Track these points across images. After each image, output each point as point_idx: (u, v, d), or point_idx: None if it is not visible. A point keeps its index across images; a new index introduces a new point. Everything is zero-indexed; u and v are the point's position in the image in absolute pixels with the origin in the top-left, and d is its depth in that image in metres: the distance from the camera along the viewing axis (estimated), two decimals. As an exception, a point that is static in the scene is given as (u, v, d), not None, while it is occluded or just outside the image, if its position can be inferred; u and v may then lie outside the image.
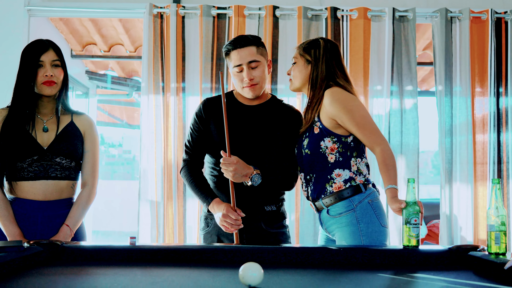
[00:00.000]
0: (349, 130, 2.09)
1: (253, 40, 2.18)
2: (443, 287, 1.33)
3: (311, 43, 2.23)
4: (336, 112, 2.07)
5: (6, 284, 1.31)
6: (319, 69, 2.17)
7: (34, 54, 2.10)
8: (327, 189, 2.11)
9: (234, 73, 2.20)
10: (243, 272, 1.31)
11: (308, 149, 2.14)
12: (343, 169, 2.10)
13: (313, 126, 2.14)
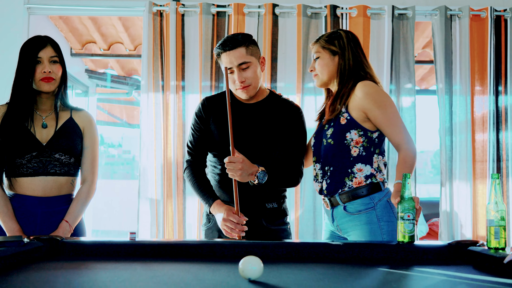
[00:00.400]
0: (378, 126, 2.07)
1: (242, 41, 2.14)
2: (443, 281, 1.33)
3: (332, 35, 2.20)
4: (369, 105, 2.05)
5: (6, 278, 1.31)
6: (346, 58, 2.14)
7: (32, 51, 2.10)
8: (346, 183, 2.08)
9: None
10: (243, 266, 1.31)
11: (332, 139, 2.10)
12: (365, 164, 2.08)
13: (339, 117, 2.10)
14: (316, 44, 2.21)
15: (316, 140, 2.19)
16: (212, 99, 2.30)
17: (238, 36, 2.16)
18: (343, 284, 1.31)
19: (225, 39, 2.16)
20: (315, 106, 3.44)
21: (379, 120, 2.05)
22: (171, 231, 3.38)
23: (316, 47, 2.20)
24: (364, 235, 2.03)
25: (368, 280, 1.35)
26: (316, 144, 2.19)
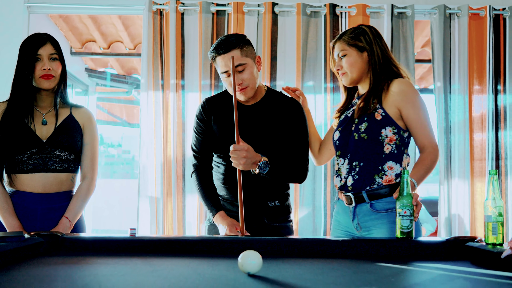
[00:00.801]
0: (409, 124, 2.06)
1: (236, 43, 2.10)
2: (440, 275, 1.34)
3: (355, 31, 2.16)
4: (404, 103, 2.04)
5: (7, 273, 1.32)
6: (375, 53, 2.11)
7: (32, 48, 2.10)
8: (376, 180, 2.05)
9: (222, 78, 2.16)
10: (242, 260, 1.33)
11: (365, 134, 2.05)
12: (396, 162, 2.06)
13: (373, 113, 2.07)
14: (340, 42, 2.16)
15: (342, 135, 2.15)
16: (212, 100, 2.30)
17: (231, 38, 2.13)
18: (342, 279, 1.32)
19: (219, 42, 2.13)
20: (314, 104, 3.45)
21: (411, 119, 2.05)
22: (170, 229, 3.39)
23: (341, 45, 2.15)
24: (390, 234, 2.00)
25: (366, 275, 1.36)
26: (342, 138, 2.15)
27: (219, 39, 2.15)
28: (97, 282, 1.21)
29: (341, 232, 2.19)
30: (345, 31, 2.20)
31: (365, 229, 2.08)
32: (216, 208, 2.18)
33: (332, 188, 3.40)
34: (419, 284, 1.23)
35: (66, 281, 1.23)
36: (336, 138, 2.18)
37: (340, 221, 2.19)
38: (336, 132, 2.19)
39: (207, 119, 2.25)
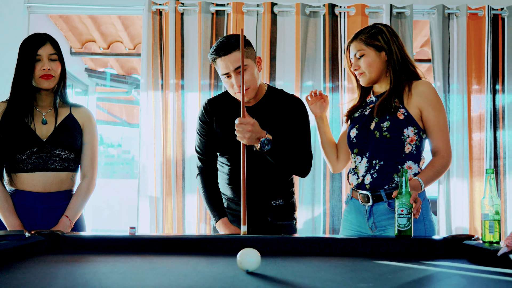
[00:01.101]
0: (427, 126, 2.07)
1: (236, 44, 2.08)
2: (437, 273, 1.35)
3: (371, 30, 2.15)
4: (426, 105, 2.05)
5: (8, 270, 1.34)
6: (393, 52, 2.11)
7: (32, 48, 2.11)
8: (395, 179, 2.05)
9: (223, 79, 2.15)
10: (241, 258, 1.34)
11: (388, 133, 2.06)
12: (415, 162, 2.07)
13: (395, 112, 2.07)
14: (357, 42, 2.15)
15: (360, 133, 2.14)
16: (214, 101, 2.30)
17: (231, 39, 2.11)
18: (339, 276, 1.33)
19: (219, 44, 2.11)
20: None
21: (430, 121, 2.06)
22: (170, 229, 3.40)
23: (358, 44, 2.14)
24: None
25: (364, 272, 1.37)
26: (360, 136, 2.14)
27: (219, 41, 2.13)
28: (97, 280, 1.22)
29: (352, 232, 2.18)
30: (361, 30, 2.18)
31: (380, 228, 2.08)
32: (219, 215, 2.18)
33: (331, 187, 3.41)
34: (416, 281, 1.24)
35: (66, 278, 1.24)
36: (353, 135, 2.16)
37: (352, 220, 2.18)
38: (353, 130, 2.17)
39: (209, 121, 2.25)
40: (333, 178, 3.42)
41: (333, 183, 3.42)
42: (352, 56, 2.17)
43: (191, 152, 3.44)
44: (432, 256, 1.67)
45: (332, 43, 3.49)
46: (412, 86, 2.09)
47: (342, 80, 3.48)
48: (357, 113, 2.22)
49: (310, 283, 1.24)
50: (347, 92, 3.47)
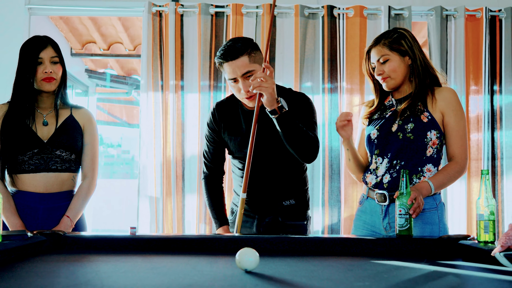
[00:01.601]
0: (447, 131, 2.10)
1: (244, 49, 2.04)
2: (432, 272, 1.38)
3: (393, 35, 2.16)
4: (448, 110, 2.08)
5: (12, 269, 1.36)
6: (416, 56, 2.13)
7: (33, 51, 2.14)
8: (414, 180, 2.07)
9: (230, 84, 2.12)
10: (240, 257, 1.36)
11: (412, 134, 2.08)
12: (434, 166, 2.10)
13: (419, 115, 2.09)
14: (380, 47, 2.15)
15: (382, 134, 2.15)
16: (221, 106, 2.28)
17: (238, 43, 2.06)
18: (336, 275, 1.36)
19: (226, 48, 2.06)
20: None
21: (451, 126, 2.09)
22: (170, 228, 3.43)
23: (382, 49, 2.14)
24: (420, 234, 2.02)
25: (360, 271, 1.40)
26: (382, 137, 2.15)
27: (226, 45, 2.09)
28: (99, 279, 1.25)
29: (365, 232, 2.20)
30: (382, 35, 2.19)
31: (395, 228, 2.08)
32: (220, 222, 2.26)
33: (330, 188, 3.43)
34: (411, 280, 1.27)
35: (69, 277, 1.26)
36: (374, 137, 2.18)
37: (366, 220, 2.20)
38: (374, 131, 2.18)
39: (217, 129, 2.26)
40: (332, 178, 3.45)
41: (332, 183, 3.44)
42: (374, 61, 2.17)
43: (191, 152, 3.46)
44: (428, 256, 1.69)
45: (330, 45, 3.52)
46: (437, 92, 2.12)
47: (341, 81, 3.51)
48: (376, 115, 2.24)
49: (307, 281, 1.27)
50: (345, 93, 3.50)
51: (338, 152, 3.46)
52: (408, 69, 2.15)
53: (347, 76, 3.50)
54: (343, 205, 3.44)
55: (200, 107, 3.47)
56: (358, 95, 3.48)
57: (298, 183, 2.29)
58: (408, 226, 1.87)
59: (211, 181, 2.33)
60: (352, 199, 3.44)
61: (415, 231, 2.02)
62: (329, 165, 3.45)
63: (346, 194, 3.44)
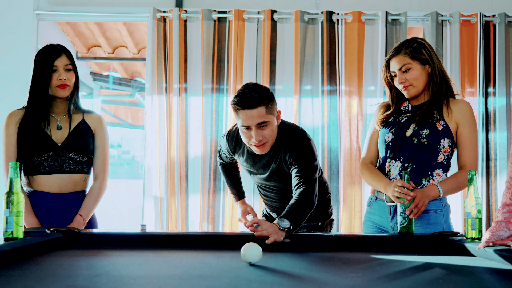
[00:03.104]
0: (460, 141, 2.19)
1: (262, 99, 2.02)
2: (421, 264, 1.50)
3: (413, 45, 2.22)
4: (463, 121, 2.17)
5: (35, 262, 1.48)
6: (435, 65, 2.21)
7: (48, 59, 2.25)
8: (422, 183, 2.17)
9: (242, 130, 2.10)
10: (244, 251, 1.48)
11: (426, 140, 2.17)
12: (443, 171, 2.20)
13: (434, 122, 2.18)
14: (402, 56, 2.21)
15: (396, 137, 2.22)
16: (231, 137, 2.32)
17: (255, 92, 2.03)
18: (333, 268, 1.48)
19: (244, 97, 2.03)
20: (312, 107, 3.59)
21: (464, 136, 2.18)
22: (174, 227, 3.53)
23: (404, 59, 2.20)
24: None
25: (355, 264, 1.52)
26: (397, 141, 2.22)
27: (244, 91, 2.06)
28: (117, 270, 1.37)
29: (374, 229, 2.29)
30: (402, 45, 2.25)
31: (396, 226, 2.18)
32: (239, 196, 2.60)
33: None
34: (400, 272, 1.39)
35: (89, 269, 1.38)
36: (388, 140, 2.25)
37: (375, 220, 2.30)
38: (389, 134, 2.25)
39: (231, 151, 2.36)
40: (331, 179, 3.55)
41: (331, 183, 3.54)
42: (395, 69, 2.23)
43: (194, 153, 3.57)
44: (420, 251, 1.82)
45: (329, 49, 3.62)
46: (452, 103, 2.22)
47: (340, 84, 3.61)
48: (391, 119, 2.32)
49: (305, 273, 1.39)
50: (344, 96, 3.60)
51: (337, 153, 3.56)
52: (428, 77, 2.23)
53: (346, 79, 3.61)
54: (342, 204, 3.54)
55: (203, 109, 3.58)
56: (357, 98, 3.59)
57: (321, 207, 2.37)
58: (406, 223, 2.00)
59: (227, 165, 2.57)
60: (351, 199, 3.54)
61: (422, 231, 2.12)
62: (328, 165, 3.55)
63: (345, 194, 3.54)
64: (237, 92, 2.08)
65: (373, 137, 2.36)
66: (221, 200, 3.55)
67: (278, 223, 1.81)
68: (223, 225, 3.55)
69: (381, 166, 2.29)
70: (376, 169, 2.30)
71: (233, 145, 2.32)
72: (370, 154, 2.36)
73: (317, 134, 3.58)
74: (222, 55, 3.64)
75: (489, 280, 1.29)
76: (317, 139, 3.57)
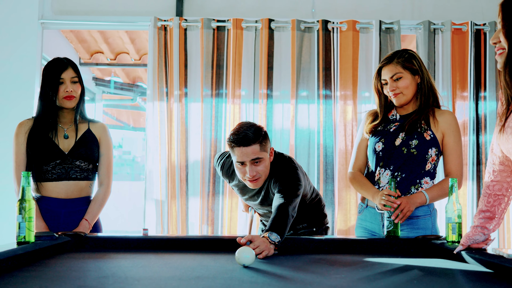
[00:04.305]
0: (446, 150, 2.31)
1: (256, 138, 2.14)
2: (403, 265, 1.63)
3: (404, 55, 2.33)
4: (449, 131, 2.30)
5: (46, 264, 1.61)
6: (424, 76, 2.33)
7: (56, 72, 2.38)
8: (411, 190, 2.29)
9: (236, 165, 2.20)
10: (238, 254, 1.62)
11: (415, 150, 2.28)
12: (431, 179, 2.33)
13: (422, 132, 2.30)
14: (394, 65, 2.32)
15: (386, 147, 2.32)
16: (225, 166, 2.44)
17: (250, 131, 2.15)
18: (319, 269, 1.61)
19: (239, 135, 2.14)
20: (308, 112, 3.71)
21: (449, 146, 2.31)
22: (175, 229, 3.63)
23: (395, 68, 2.31)
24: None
25: (341, 266, 1.65)
26: (387, 150, 2.32)
27: (238, 130, 2.17)
28: (122, 272, 1.50)
29: (366, 233, 2.41)
30: (394, 55, 2.36)
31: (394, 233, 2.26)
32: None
33: (324, 191, 3.64)
34: (381, 273, 1.51)
35: (97, 271, 1.51)
36: (379, 149, 2.35)
37: (367, 227, 2.42)
38: (379, 144, 2.35)
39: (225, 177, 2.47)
40: (326, 182, 3.66)
41: (327, 186, 3.66)
42: (386, 78, 2.34)
43: (194, 158, 3.69)
44: (404, 254, 1.94)
45: (325, 56, 3.73)
46: (438, 113, 2.34)
47: (335, 90, 3.72)
48: (379, 127, 2.42)
49: (294, 274, 1.53)
50: (339, 102, 3.71)
51: (332, 158, 3.67)
52: (417, 87, 2.35)
53: (341, 85, 3.72)
54: (337, 207, 3.66)
55: (203, 115, 3.70)
56: (351, 104, 3.70)
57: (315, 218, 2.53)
58: (392, 227, 2.13)
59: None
60: (346, 202, 3.65)
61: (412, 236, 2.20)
62: (324, 170, 3.66)
63: (340, 196, 3.65)
64: (233, 130, 2.19)
65: (361, 146, 2.47)
66: (220, 203, 3.66)
67: (268, 236, 1.88)
68: (222, 227, 3.66)
69: (371, 174, 2.39)
70: (364, 178, 2.41)
71: (226, 177, 2.45)
72: (359, 162, 2.46)
73: (313, 138, 3.69)
74: (221, 62, 3.75)
75: (460, 281, 1.41)
76: (313, 143, 3.69)
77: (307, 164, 3.67)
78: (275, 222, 1.97)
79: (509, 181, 1.69)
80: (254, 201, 2.38)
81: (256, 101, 3.71)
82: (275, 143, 3.69)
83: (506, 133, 1.58)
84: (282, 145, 3.70)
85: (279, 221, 1.97)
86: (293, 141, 3.69)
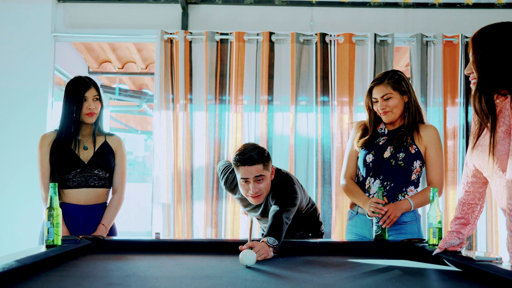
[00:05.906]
0: (428, 161, 2.53)
1: (260, 158, 2.33)
2: (386, 266, 1.85)
3: (394, 77, 2.54)
4: (431, 144, 2.52)
5: (73, 264, 1.83)
6: (412, 96, 2.55)
7: (79, 91, 2.59)
8: (398, 198, 2.50)
9: (240, 182, 2.38)
10: (242, 256, 1.84)
11: (403, 162, 2.50)
12: (415, 187, 2.55)
13: (407, 147, 2.51)
14: (384, 86, 2.52)
15: (376, 159, 2.54)
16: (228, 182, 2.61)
17: (255, 152, 2.34)
18: (312, 269, 1.83)
19: (244, 155, 2.33)
20: (307, 120, 3.92)
21: (431, 157, 2.53)
22: (180, 232, 3.83)
23: (386, 88, 2.51)
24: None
25: (332, 266, 1.87)
26: (377, 162, 2.54)
27: (244, 151, 2.36)
28: (141, 272, 1.71)
29: (357, 237, 2.60)
30: (384, 76, 2.56)
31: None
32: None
33: (322, 193, 3.84)
34: (366, 273, 1.73)
35: (118, 270, 1.73)
36: (369, 160, 2.56)
37: (358, 232, 2.62)
38: (369, 156, 2.56)
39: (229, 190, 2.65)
40: (324, 185, 3.86)
41: (324, 189, 3.85)
42: (377, 96, 2.54)
43: (199, 164, 3.89)
44: (389, 256, 2.16)
45: (323, 67, 3.93)
46: (421, 128, 2.56)
47: (332, 99, 3.92)
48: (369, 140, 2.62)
49: (290, 273, 1.75)
50: (336, 111, 3.91)
51: (329, 163, 3.87)
52: (404, 106, 2.57)
53: (338, 94, 3.92)
54: (334, 210, 3.85)
55: (207, 123, 3.90)
56: (348, 113, 3.91)
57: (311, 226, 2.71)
58: (380, 231, 2.35)
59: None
60: (342, 205, 3.84)
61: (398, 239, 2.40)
62: (322, 175, 3.86)
63: (337, 200, 3.84)
64: (238, 151, 2.39)
65: (352, 156, 2.69)
66: (224, 207, 3.85)
67: (267, 241, 2.09)
68: (225, 229, 3.85)
69: (361, 182, 2.61)
70: (355, 186, 2.62)
71: (229, 191, 2.64)
72: (349, 171, 2.68)
73: (311, 144, 3.90)
74: (225, 73, 3.94)
75: (432, 279, 1.63)
76: (312, 149, 3.89)
77: (305, 169, 3.86)
78: (272, 228, 2.17)
79: (481, 192, 1.91)
80: (255, 213, 2.58)
81: (257, 110, 3.90)
82: (276, 148, 3.88)
83: (477, 151, 1.80)
84: (282, 150, 3.89)
85: (275, 227, 2.18)
86: (293, 146, 3.89)
